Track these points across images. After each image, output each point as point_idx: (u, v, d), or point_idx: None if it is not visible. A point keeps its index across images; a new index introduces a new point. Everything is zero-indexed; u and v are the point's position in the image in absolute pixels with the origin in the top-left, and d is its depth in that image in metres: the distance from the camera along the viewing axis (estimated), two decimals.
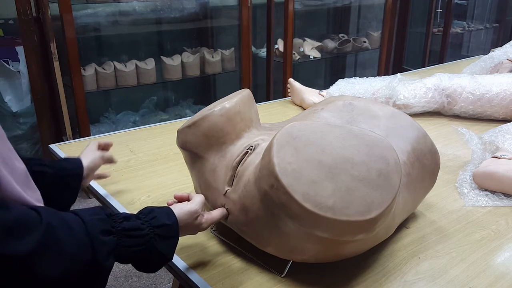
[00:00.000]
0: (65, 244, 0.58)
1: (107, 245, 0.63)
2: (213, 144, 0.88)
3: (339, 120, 0.97)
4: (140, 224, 0.69)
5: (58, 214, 0.61)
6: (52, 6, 2.13)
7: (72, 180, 0.92)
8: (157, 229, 0.70)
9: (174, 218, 0.73)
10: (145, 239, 0.68)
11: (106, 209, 0.69)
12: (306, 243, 0.74)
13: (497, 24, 4.76)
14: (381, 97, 1.61)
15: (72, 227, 0.60)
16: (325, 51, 3.38)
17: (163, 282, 1.93)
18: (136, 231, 0.68)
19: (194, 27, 3.03)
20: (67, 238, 0.59)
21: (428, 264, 0.86)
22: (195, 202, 0.79)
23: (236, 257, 0.87)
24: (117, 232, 0.66)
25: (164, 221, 0.71)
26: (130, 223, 0.68)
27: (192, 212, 0.77)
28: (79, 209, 0.66)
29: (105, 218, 0.66)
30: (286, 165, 0.71)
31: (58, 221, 0.59)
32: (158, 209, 0.73)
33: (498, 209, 1.05)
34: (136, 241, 0.68)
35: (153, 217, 0.71)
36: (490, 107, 1.57)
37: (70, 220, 0.61)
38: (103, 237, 0.63)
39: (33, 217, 0.57)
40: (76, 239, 0.60)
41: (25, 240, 0.54)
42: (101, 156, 1.02)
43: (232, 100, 0.91)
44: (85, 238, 0.61)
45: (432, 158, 0.95)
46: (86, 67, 2.41)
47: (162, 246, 0.71)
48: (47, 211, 0.60)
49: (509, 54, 1.97)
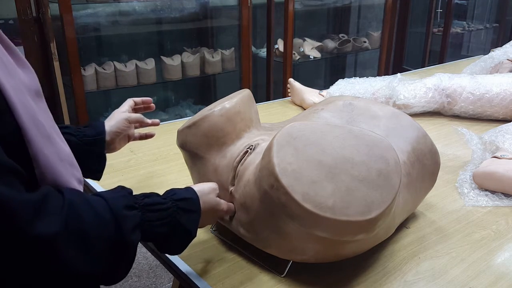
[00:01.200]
0: (88, 223, 0.58)
1: (131, 219, 0.63)
2: (213, 144, 0.88)
3: (339, 120, 0.97)
4: (162, 199, 0.70)
5: (81, 194, 0.62)
6: (52, 6, 2.13)
7: (96, 147, 0.91)
8: (179, 202, 0.71)
9: (194, 192, 0.74)
10: (168, 212, 0.69)
11: (128, 188, 0.69)
12: (306, 243, 0.74)
13: (497, 24, 4.76)
14: (381, 97, 1.61)
15: (94, 206, 0.60)
16: (325, 51, 3.38)
17: (163, 282, 1.93)
18: (159, 205, 0.68)
19: (194, 27, 3.03)
20: (90, 217, 0.59)
21: (428, 264, 0.86)
22: (211, 183, 0.80)
23: (236, 257, 0.87)
24: (140, 207, 0.66)
25: (185, 195, 0.72)
26: (152, 199, 0.69)
27: (212, 188, 0.78)
28: (101, 191, 0.66)
29: (127, 195, 0.66)
30: (286, 165, 0.71)
31: (81, 201, 0.59)
32: (176, 189, 0.74)
33: (498, 209, 1.05)
34: (159, 215, 0.68)
35: (173, 193, 0.72)
36: (490, 107, 1.57)
37: (93, 200, 0.62)
38: (126, 212, 0.63)
39: (57, 197, 0.57)
40: (99, 217, 0.60)
41: (50, 221, 0.53)
42: (126, 118, 0.98)
43: (232, 100, 0.91)
44: (108, 215, 0.61)
45: (432, 158, 0.95)
46: (86, 67, 2.41)
47: (185, 220, 0.71)
48: (71, 192, 0.60)
49: (509, 54, 1.97)
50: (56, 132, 0.66)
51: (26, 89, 0.61)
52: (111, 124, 0.96)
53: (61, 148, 0.65)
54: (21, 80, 0.60)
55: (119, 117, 0.98)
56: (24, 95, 0.59)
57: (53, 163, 0.61)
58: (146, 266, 2.03)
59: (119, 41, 2.78)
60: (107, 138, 0.93)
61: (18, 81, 0.59)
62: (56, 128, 0.67)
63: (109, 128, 0.95)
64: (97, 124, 0.94)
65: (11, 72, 0.58)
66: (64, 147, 0.66)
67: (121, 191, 0.67)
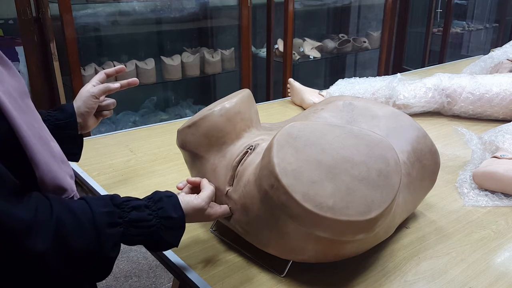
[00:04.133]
0: (73, 238, 0.61)
1: (113, 237, 0.66)
2: (213, 144, 0.88)
3: (339, 120, 0.97)
4: (147, 215, 0.70)
5: (69, 206, 0.63)
6: (52, 6, 2.13)
7: (70, 130, 0.92)
8: (163, 220, 0.72)
9: (180, 211, 0.74)
10: (151, 230, 0.70)
11: (117, 198, 0.70)
12: (306, 243, 0.74)
13: (497, 24, 4.76)
14: (381, 97, 1.61)
15: (81, 221, 0.62)
16: (325, 51, 3.38)
17: (163, 282, 1.93)
18: (144, 222, 0.70)
19: (194, 27, 3.03)
20: (76, 232, 0.61)
21: (428, 264, 0.86)
22: (202, 199, 0.79)
23: (236, 257, 0.87)
24: (124, 223, 0.68)
25: (171, 214, 0.72)
26: (138, 214, 0.70)
27: (198, 209, 0.77)
28: (92, 198, 0.68)
29: (113, 211, 0.67)
30: (286, 165, 0.71)
31: (67, 215, 0.62)
32: (166, 199, 0.74)
33: (498, 209, 1.05)
34: (142, 231, 0.70)
35: (160, 207, 0.72)
36: (490, 107, 1.57)
37: (80, 212, 0.63)
38: (109, 230, 0.65)
39: (46, 211, 0.59)
40: (84, 232, 0.62)
41: (40, 239, 0.57)
42: (91, 94, 0.95)
43: (232, 100, 0.91)
44: (92, 232, 0.63)
45: (432, 158, 0.95)
46: (86, 67, 2.41)
47: (168, 235, 0.72)
48: (59, 203, 0.62)
49: (509, 54, 1.97)
50: (45, 130, 0.68)
51: (15, 91, 0.62)
52: (78, 105, 0.94)
53: (53, 146, 0.67)
54: (10, 83, 0.62)
55: (84, 96, 0.95)
56: (15, 100, 0.61)
57: (50, 164, 0.63)
58: (146, 266, 2.03)
59: (119, 41, 2.78)
60: (78, 120, 0.93)
61: (8, 85, 0.61)
62: (44, 127, 0.68)
63: (77, 110, 0.94)
64: (66, 107, 0.93)
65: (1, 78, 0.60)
66: (54, 145, 0.69)
67: (108, 204, 0.68)
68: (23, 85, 0.66)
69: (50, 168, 0.63)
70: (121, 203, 0.69)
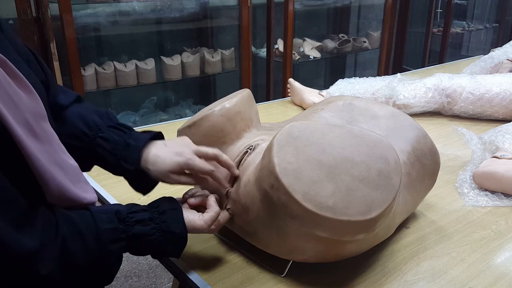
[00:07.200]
0: (78, 257, 0.64)
1: (115, 253, 0.69)
2: (213, 144, 0.88)
3: (339, 120, 0.97)
4: (150, 229, 0.72)
5: (74, 222, 0.65)
6: (52, 6, 2.13)
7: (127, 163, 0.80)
8: (166, 234, 0.73)
9: (183, 227, 0.75)
10: (153, 244, 0.73)
11: (122, 212, 0.71)
12: (306, 243, 0.74)
13: (497, 24, 4.76)
14: (381, 97, 1.61)
15: (84, 238, 0.65)
16: (325, 51, 3.38)
17: (163, 282, 1.93)
18: (146, 237, 0.72)
19: (194, 27, 3.02)
20: (79, 251, 0.64)
21: (428, 264, 0.86)
22: (206, 221, 0.76)
23: (236, 257, 0.87)
24: (127, 237, 0.70)
25: (174, 230, 0.74)
26: (142, 228, 0.71)
27: (199, 229, 0.78)
28: (98, 210, 0.70)
29: (117, 227, 0.69)
30: (286, 165, 0.71)
31: (73, 233, 0.64)
32: (170, 212, 0.75)
33: (498, 209, 1.05)
34: (144, 246, 0.73)
35: (164, 220, 0.73)
36: (490, 107, 1.57)
37: (84, 227, 0.66)
38: (112, 246, 0.68)
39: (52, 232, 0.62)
40: (87, 250, 0.65)
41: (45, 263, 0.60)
42: (180, 163, 0.78)
43: (232, 100, 0.91)
44: (96, 249, 0.66)
45: (432, 158, 0.95)
46: (86, 67, 2.41)
47: (169, 248, 0.75)
48: (64, 220, 0.64)
49: (509, 54, 1.97)
50: (61, 152, 0.69)
51: (32, 116, 0.63)
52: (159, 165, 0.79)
53: (68, 166, 0.69)
54: (27, 106, 0.62)
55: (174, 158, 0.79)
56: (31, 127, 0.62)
57: (63, 187, 0.66)
58: (146, 266, 2.03)
59: (119, 41, 2.78)
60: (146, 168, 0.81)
61: (25, 109, 0.61)
62: (61, 148, 0.69)
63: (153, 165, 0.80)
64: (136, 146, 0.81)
65: (16, 102, 0.60)
66: (71, 163, 0.70)
67: (112, 220, 0.69)
68: (40, 107, 0.65)
69: (62, 192, 0.66)
70: (126, 217, 0.71)
